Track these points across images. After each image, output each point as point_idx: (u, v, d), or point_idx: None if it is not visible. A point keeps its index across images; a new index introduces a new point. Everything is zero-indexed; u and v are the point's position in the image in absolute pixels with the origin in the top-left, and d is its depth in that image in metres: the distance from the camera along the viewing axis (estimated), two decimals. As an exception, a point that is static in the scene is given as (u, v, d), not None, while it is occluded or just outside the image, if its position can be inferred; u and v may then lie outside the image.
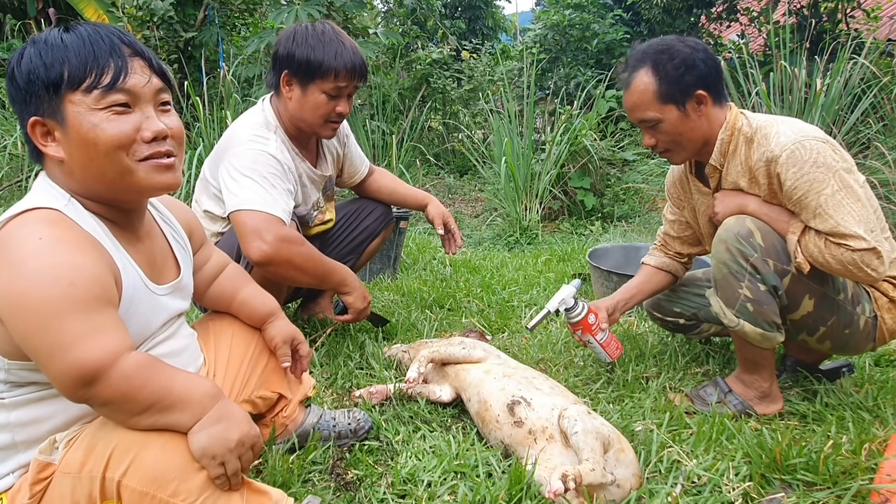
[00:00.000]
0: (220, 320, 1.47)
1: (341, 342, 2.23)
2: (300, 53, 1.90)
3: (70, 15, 6.71)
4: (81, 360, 0.94)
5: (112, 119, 1.03)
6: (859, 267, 1.52)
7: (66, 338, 0.94)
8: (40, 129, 1.05)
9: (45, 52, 1.03)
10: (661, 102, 1.69)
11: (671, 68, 1.66)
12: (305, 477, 1.45)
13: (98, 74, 1.02)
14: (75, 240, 1.01)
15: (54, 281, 0.94)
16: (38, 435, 1.06)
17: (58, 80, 1.01)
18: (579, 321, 1.93)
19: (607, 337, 1.97)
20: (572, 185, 5.34)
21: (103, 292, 1.00)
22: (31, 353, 0.97)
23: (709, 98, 1.69)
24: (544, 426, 1.46)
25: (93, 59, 1.02)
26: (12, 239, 0.97)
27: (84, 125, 1.02)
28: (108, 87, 1.03)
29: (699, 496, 1.38)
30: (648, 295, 2.10)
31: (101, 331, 0.97)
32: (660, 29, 7.73)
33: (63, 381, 0.96)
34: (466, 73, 7.18)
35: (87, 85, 1.02)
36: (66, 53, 1.02)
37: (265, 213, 1.82)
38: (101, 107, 1.03)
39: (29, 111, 1.04)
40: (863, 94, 4.41)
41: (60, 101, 1.02)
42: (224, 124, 4.57)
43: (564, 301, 1.92)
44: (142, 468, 0.99)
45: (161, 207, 1.32)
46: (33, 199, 1.04)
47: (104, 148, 1.03)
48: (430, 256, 3.86)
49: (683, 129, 1.71)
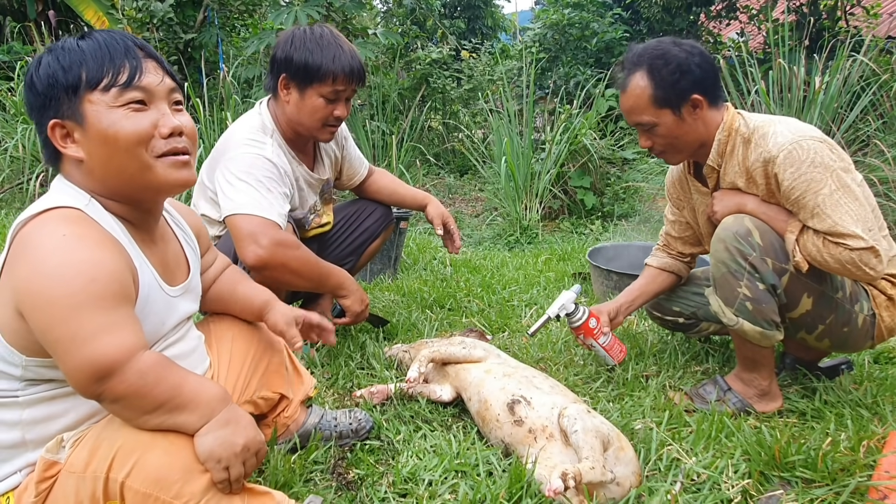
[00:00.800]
0: (221, 322, 1.48)
1: (342, 343, 2.24)
2: (298, 57, 1.90)
3: (70, 17, 6.73)
4: (98, 354, 0.96)
5: (130, 116, 1.07)
6: (858, 266, 1.52)
7: (84, 332, 0.96)
8: (59, 132, 1.07)
9: (63, 56, 1.06)
10: (656, 107, 1.70)
11: (666, 73, 1.67)
12: (307, 476, 1.46)
13: (115, 74, 1.06)
14: (96, 238, 1.03)
15: (75, 276, 0.96)
16: (47, 434, 1.07)
17: (76, 83, 1.05)
18: (580, 325, 1.96)
19: (610, 340, 1.99)
20: (572, 185, 5.35)
21: (122, 290, 1.02)
22: (49, 346, 0.98)
23: (704, 102, 1.70)
24: (544, 425, 1.46)
25: (109, 61, 1.06)
26: (34, 236, 1.00)
27: (104, 122, 1.05)
28: (125, 85, 1.06)
29: (698, 494, 1.39)
30: (652, 296, 2.10)
31: (119, 327, 0.99)
32: (659, 27, 7.74)
33: (78, 375, 0.97)
34: (466, 72, 7.18)
35: (105, 84, 1.05)
36: (83, 57, 1.06)
37: (261, 218, 1.83)
38: (118, 104, 1.06)
39: (48, 115, 1.07)
40: (862, 91, 4.41)
41: (80, 102, 1.05)
42: (224, 125, 4.58)
43: (564, 306, 1.96)
44: (145, 470, 0.99)
45: (173, 211, 1.34)
46: (54, 199, 1.06)
47: (124, 143, 1.06)
48: (431, 256, 3.86)
49: (679, 132, 1.72)
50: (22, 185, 4.84)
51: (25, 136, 4.82)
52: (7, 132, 5.02)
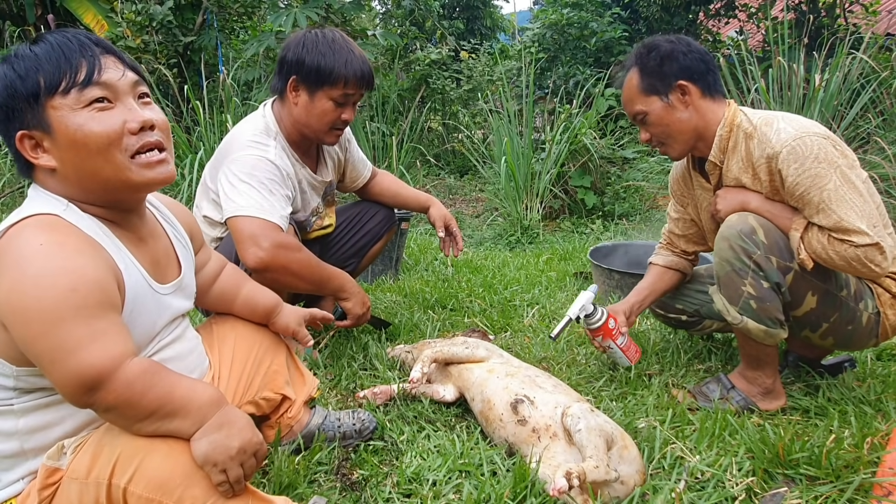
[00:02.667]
0: (224, 323, 1.48)
1: (345, 344, 2.24)
2: (310, 60, 1.90)
3: (69, 21, 6.73)
4: (84, 365, 0.94)
5: (96, 116, 1.04)
6: (863, 263, 1.52)
7: (68, 343, 0.94)
8: (29, 143, 1.05)
9: (18, 64, 1.03)
10: (644, 95, 1.76)
11: (651, 62, 1.74)
12: (311, 477, 1.46)
13: (72, 74, 1.03)
14: (75, 244, 1.01)
15: (53, 287, 0.94)
16: (46, 442, 1.07)
17: (35, 90, 1.02)
18: (599, 327, 1.91)
19: (626, 341, 1.97)
20: (572, 184, 5.35)
21: (105, 297, 1.00)
22: (34, 359, 0.97)
23: (694, 89, 1.72)
24: (548, 424, 1.46)
25: (65, 61, 1.03)
26: (12, 246, 0.98)
27: (70, 127, 1.03)
28: (84, 84, 1.03)
29: (702, 492, 1.39)
30: (660, 294, 2.09)
31: (103, 336, 0.97)
32: (658, 26, 7.73)
33: (66, 386, 0.96)
34: (465, 73, 7.19)
35: (64, 86, 1.03)
36: (38, 62, 1.03)
37: (262, 220, 1.83)
38: (81, 105, 1.03)
39: (14, 127, 1.04)
40: (862, 88, 4.41)
41: (43, 110, 1.03)
42: (224, 128, 4.58)
43: (584, 307, 1.91)
44: (147, 475, 0.99)
45: (162, 208, 1.32)
46: (31, 207, 1.04)
47: (95, 146, 1.04)
48: (432, 257, 3.86)
49: (670, 119, 1.75)
50: (23, 189, 4.85)
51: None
52: (7, 136, 5.02)
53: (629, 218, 5.29)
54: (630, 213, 5.40)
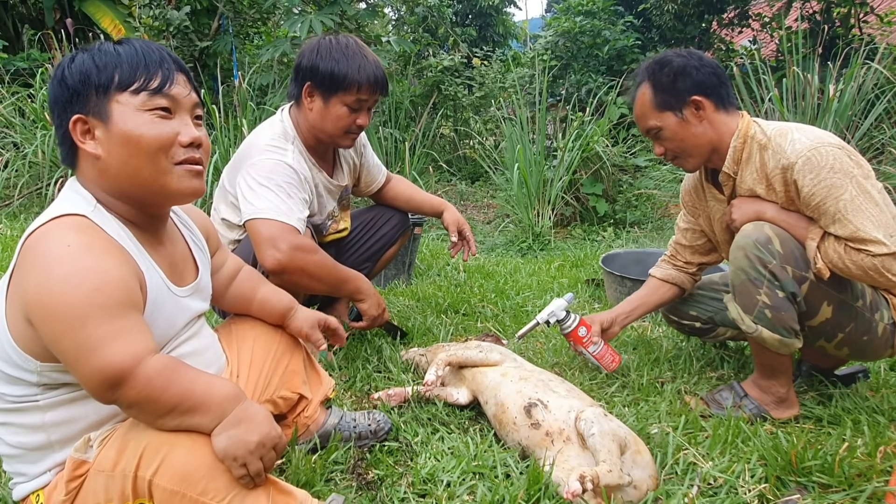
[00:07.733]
0: (242, 323, 1.51)
1: (359, 346, 2.26)
2: (324, 66, 1.93)
3: (87, 25, 6.83)
4: (106, 363, 0.97)
5: (155, 122, 1.10)
6: (880, 272, 1.52)
7: (91, 341, 0.97)
8: (81, 127, 1.10)
9: (99, 57, 1.10)
10: (658, 111, 1.76)
11: (664, 78, 1.74)
12: (328, 476, 1.48)
13: (147, 79, 1.10)
14: (101, 246, 1.04)
15: (80, 286, 0.97)
16: (71, 434, 1.10)
17: (108, 82, 1.08)
18: (569, 333, 2.03)
19: (601, 349, 2.02)
20: (584, 192, 5.36)
21: (128, 297, 1.03)
22: (60, 356, 1.00)
23: (708, 104, 1.73)
24: (561, 428, 1.47)
25: (143, 67, 1.10)
26: (41, 246, 1.01)
27: (129, 123, 1.08)
28: (155, 91, 1.10)
29: (715, 497, 1.40)
30: (652, 308, 2.11)
31: (125, 334, 1.00)
32: (671, 35, 7.74)
33: (90, 383, 0.99)
34: (478, 80, 7.23)
35: (136, 87, 1.09)
36: (119, 59, 1.10)
37: (280, 222, 1.86)
38: (146, 108, 1.09)
39: (73, 110, 1.09)
40: (876, 99, 4.41)
41: (108, 101, 1.08)
42: (239, 132, 4.63)
43: (554, 313, 2.04)
44: (172, 467, 1.02)
45: (179, 212, 1.36)
46: (60, 207, 1.08)
47: (146, 147, 1.09)
48: (445, 262, 3.88)
49: (685, 134, 1.75)
50: (41, 190, 4.91)
51: (45, 141, 4.90)
52: (26, 138, 5.10)
53: (641, 226, 5.30)
54: (642, 220, 5.40)
